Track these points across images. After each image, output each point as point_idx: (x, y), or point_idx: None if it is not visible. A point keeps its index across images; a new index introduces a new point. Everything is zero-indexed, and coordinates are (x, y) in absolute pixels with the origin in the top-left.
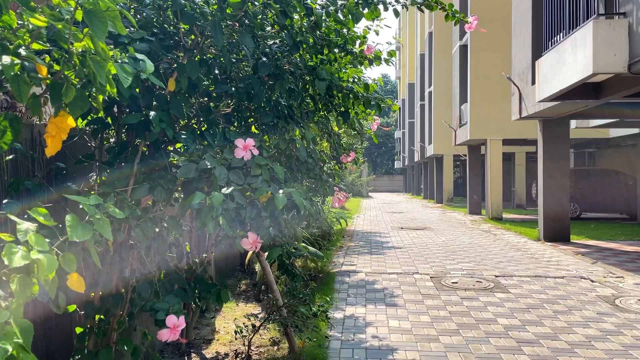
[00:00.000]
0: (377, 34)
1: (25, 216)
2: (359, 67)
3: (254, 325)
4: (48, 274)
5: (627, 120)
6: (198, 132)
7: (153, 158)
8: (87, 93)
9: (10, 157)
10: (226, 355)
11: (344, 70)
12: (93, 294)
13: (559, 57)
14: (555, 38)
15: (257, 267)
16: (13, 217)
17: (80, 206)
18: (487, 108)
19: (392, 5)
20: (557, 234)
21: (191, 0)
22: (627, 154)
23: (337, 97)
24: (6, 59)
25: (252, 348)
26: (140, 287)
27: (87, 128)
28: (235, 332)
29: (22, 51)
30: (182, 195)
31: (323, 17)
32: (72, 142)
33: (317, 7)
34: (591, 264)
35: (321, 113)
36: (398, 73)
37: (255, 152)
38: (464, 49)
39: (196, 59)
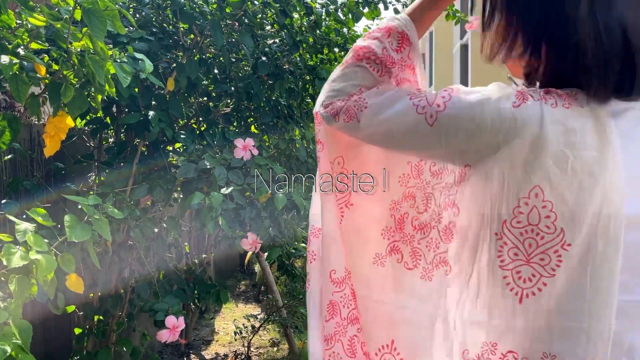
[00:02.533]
0: None
1: (24, 216)
2: None
3: (253, 326)
4: (47, 275)
5: None
6: (197, 132)
7: (152, 158)
8: (86, 93)
9: (9, 157)
10: (225, 356)
11: None
12: (92, 295)
13: None
14: None
15: (257, 267)
16: (12, 218)
17: (79, 206)
18: None
19: (393, 5)
20: None
21: (190, 0)
22: None
23: None
24: (5, 59)
25: (252, 349)
26: (139, 287)
27: (86, 128)
28: (235, 333)
29: (21, 51)
30: (181, 196)
31: (323, 17)
32: (71, 142)
33: (317, 6)
34: None
35: None
36: None
37: (255, 152)
38: (464, 48)
39: (195, 58)
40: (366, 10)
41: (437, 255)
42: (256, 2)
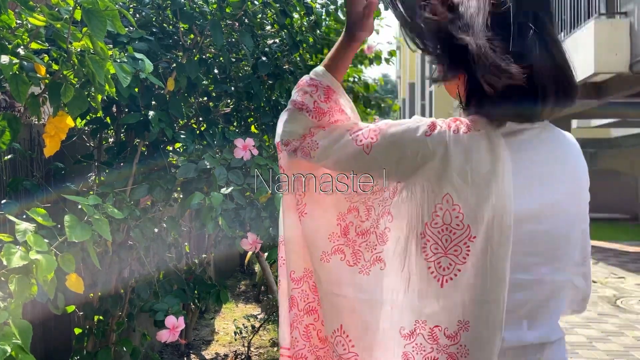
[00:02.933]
0: (377, 33)
1: (24, 216)
2: (359, 66)
3: (253, 326)
4: (47, 275)
5: (629, 120)
6: (197, 132)
7: (152, 158)
8: (86, 93)
9: (9, 157)
10: (226, 356)
11: None
12: (92, 295)
13: None
14: None
15: (257, 267)
16: (12, 218)
17: (79, 206)
18: None
19: None
20: None
21: (190, 0)
22: (629, 155)
23: None
24: (5, 59)
25: (252, 349)
26: (139, 287)
27: (86, 128)
28: (235, 333)
29: (21, 51)
30: (181, 196)
31: (323, 17)
32: (70, 142)
33: (317, 6)
34: (592, 264)
35: None
36: (399, 72)
37: (255, 152)
38: None
39: (195, 58)
40: None
41: (374, 254)
42: (256, 2)
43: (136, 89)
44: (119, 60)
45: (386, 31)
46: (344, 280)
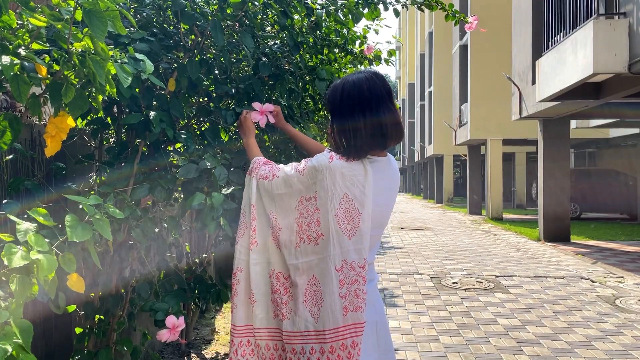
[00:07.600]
0: (377, 33)
1: (25, 216)
2: (359, 67)
3: None
4: (48, 274)
5: (627, 120)
6: (198, 132)
7: (153, 158)
8: (87, 93)
9: (10, 157)
10: (226, 355)
11: (344, 70)
12: (93, 294)
13: (559, 57)
14: (556, 38)
15: None
16: (13, 217)
17: (80, 206)
18: (487, 108)
19: (392, 5)
20: (557, 234)
21: (191, 0)
22: (627, 154)
23: None
24: (6, 59)
25: None
26: (139, 287)
27: (87, 128)
28: None
29: (22, 51)
30: (182, 195)
31: (323, 17)
32: (71, 142)
33: (318, 7)
34: (591, 264)
35: (321, 113)
36: (398, 73)
37: (272, 119)
38: (464, 49)
39: (196, 59)
40: (366, 11)
41: (316, 232)
42: (257, 3)
43: (137, 90)
44: (119, 61)
45: (386, 32)
46: (308, 251)
